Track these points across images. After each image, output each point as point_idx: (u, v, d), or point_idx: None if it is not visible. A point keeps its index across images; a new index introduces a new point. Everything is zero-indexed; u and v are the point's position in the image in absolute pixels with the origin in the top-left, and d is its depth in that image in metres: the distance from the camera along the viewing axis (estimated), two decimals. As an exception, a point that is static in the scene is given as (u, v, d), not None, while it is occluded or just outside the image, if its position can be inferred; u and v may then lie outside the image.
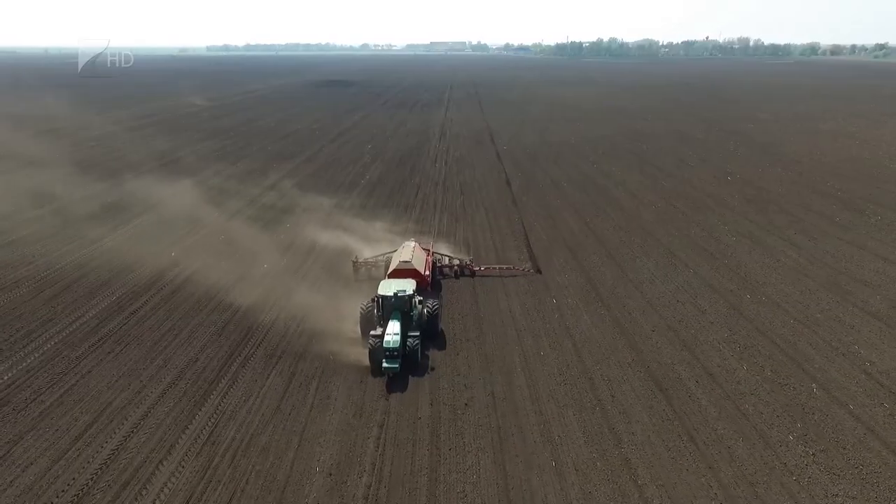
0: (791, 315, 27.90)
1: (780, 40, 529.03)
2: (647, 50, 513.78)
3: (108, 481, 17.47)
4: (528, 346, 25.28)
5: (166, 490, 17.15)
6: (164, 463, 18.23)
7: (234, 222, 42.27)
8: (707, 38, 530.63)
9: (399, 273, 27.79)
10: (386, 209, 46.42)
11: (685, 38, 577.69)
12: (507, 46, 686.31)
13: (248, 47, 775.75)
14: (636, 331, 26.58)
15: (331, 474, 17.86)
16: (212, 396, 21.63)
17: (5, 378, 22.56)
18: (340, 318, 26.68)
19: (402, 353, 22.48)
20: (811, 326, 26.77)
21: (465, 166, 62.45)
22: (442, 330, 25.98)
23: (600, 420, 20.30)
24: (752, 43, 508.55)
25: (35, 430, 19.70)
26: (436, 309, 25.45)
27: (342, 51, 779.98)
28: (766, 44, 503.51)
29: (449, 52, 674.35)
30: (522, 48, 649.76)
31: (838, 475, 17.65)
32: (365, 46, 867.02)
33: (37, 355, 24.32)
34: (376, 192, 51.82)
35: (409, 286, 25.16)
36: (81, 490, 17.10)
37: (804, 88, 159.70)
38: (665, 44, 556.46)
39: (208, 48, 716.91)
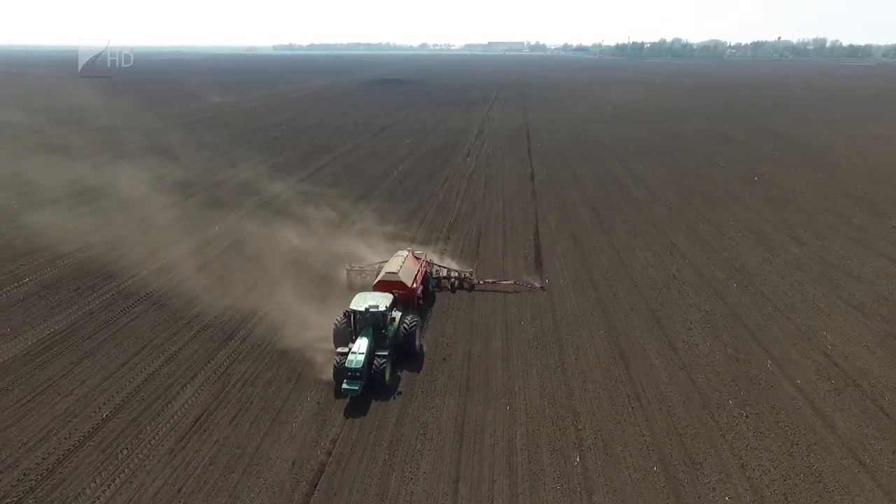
0: (771, 303, 29.24)
1: (862, 41, 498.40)
2: (712, 51, 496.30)
3: (143, 396, 21.57)
4: (512, 316, 27.92)
5: (186, 405, 21.06)
6: (187, 387, 22.19)
7: (277, 203, 46.90)
8: (779, 38, 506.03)
9: (384, 284, 25.91)
10: (410, 197, 49.85)
11: (756, 39, 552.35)
12: (566, 47, 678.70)
13: (311, 46, 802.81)
14: (616, 309, 28.73)
15: (319, 403, 21.31)
16: (233, 340, 25.57)
17: (72, 318, 27.37)
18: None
19: (366, 373, 21.19)
20: (787, 314, 28.08)
21: (495, 161, 65.11)
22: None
23: (559, 378, 22.81)
24: (828, 44, 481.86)
25: (91, 357, 24.19)
26: (413, 326, 23.61)
27: (401, 50, 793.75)
28: (844, 45, 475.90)
29: (506, 53, 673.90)
30: (581, 48, 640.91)
31: (764, 434, 19.51)
32: (424, 46, 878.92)
33: (98, 302, 29.15)
34: (405, 183, 55.36)
35: (383, 301, 23.21)
36: (123, 401, 21.25)
37: (870, 91, 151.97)
38: (733, 45, 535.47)
39: (274, 47, 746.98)
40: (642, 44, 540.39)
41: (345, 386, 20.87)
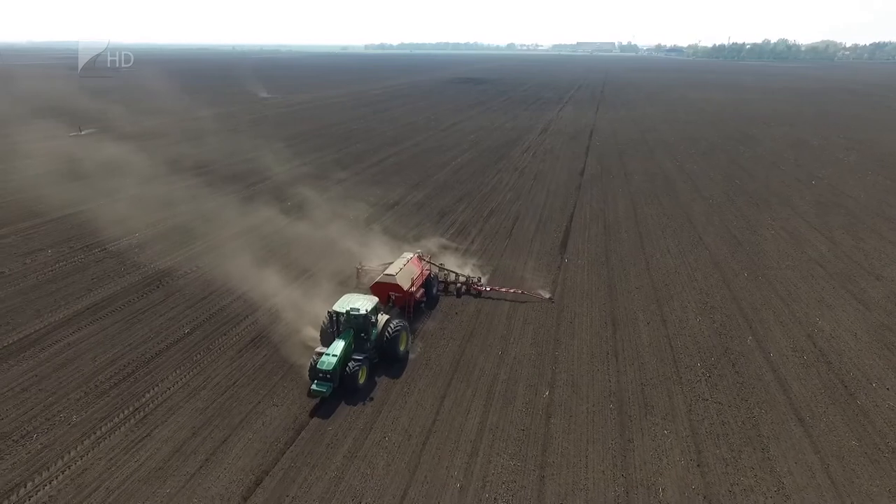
0: (776, 292, 30.82)
1: None
2: (822, 53, 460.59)
3: (216, 320, 27.42)
4: (525, 287, 31.53)
5: (247, 329, 26.64)
6: (249, 317, 27.83)
7: (335, 189, 52.90)
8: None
9: (380, 286, 26.08)
10: (461, 186, 54.12)
11: (876, 40, 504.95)
12: (659, 48, 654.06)
13: (401, 46, 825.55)
14: (622, 287, 31.53)
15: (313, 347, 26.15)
16: (292, 286, 31.08)
17: (171, 263, 34.12)
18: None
19: (338, 375, 21.02)
20: (787, 302, 29.66)
21: (550, 157, 67.93)
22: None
23: (552, 335, 26.25)
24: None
25: (181, 291, 30.54)
26: (397, 331, 23.25)
27: (487, 50, 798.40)
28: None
29: (595, 53, 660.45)
30: (675, 50, 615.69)
31: (719, 390, 22.06)
32: (511, 46, 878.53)
33: (186, 255, 35.88)
34: (460, 173, 59.68)
35: (366, 304, 22.87)
36: (201, 322, 27.18)
37: None
38: (849, 46, 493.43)
39: (366, 47, 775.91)
40: (743, 45, 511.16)
41: (313, 387, 20.85)
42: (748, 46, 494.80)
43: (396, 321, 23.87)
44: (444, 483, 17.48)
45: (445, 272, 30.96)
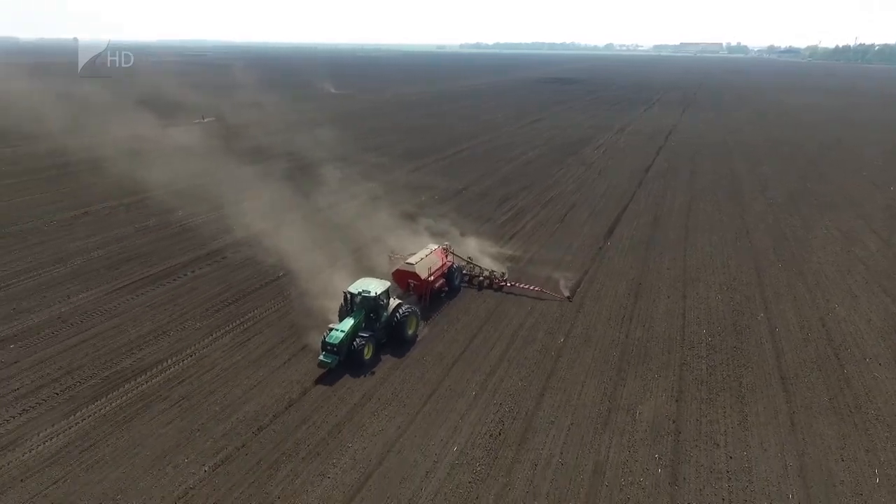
0: (804, 281, 32.60)
1: None
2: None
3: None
4: (561, 260, 35.43)
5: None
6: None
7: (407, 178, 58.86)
8: None
9: (401, 273, 28.62)
10: (525, 178, 58.19)
11: None
12: (771, 49, 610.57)
13: (496, 45, 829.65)
14: (653, 267, 34.60)
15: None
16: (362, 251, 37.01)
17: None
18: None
19: (343, 350, 22.98)
20: (812, 290, 31.46)
21: (621, 155, 70.10)
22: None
23: (577, 299, 30.05)
24: None
25: (254, 260, 37.42)
26: (406, 315, 25.06)
27: (584, 50, 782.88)
28: None
29: (699, 54, 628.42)
30: (790, 51, 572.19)
31: (716, 351, 25.06)
32: (609, 46, 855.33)
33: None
34: (528, 167, 63.64)
35: (377, 288, 24.87)
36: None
37: None
38: None
39: (461, 46, 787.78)
40: (871, 46, 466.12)
41: (320, 357, 23.04)
42: (877, 48, 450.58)
43: (407, 306, 25.60)
44: (463, 391, 22.31)
45: (471, 266, 32.67)
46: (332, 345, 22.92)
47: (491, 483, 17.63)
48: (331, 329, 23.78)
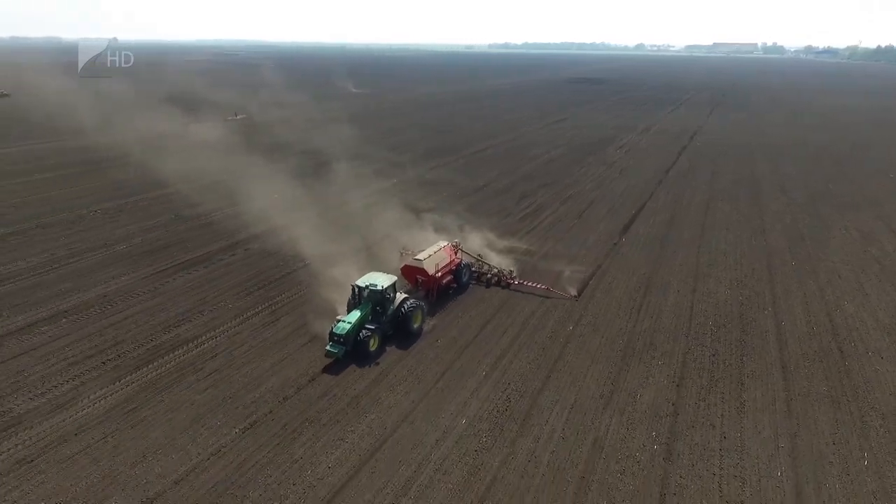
0: (816, 279, 33.07)
1: None
2: None
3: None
4: (576, 255, 36.53)
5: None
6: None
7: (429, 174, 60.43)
8: None
9: (409, 268, 29.23)
10: (546, 176, 59.23)
11: None
12: (809, 49, 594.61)
13: (525, 45, 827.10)
14: (668, 261, 35.45)
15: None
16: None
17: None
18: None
19: (350, 341, 23.77)
20: (823, 287, 31.95)
21: (643, 154, 70.49)
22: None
23: (588, 291, 31.21)
24: None
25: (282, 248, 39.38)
26: (411, 309, 25.81)
27: (615, 51, 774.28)
28: None
29: (733, 55, 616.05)
30: (828, 51, 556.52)
31: (720, 340, 25.94)
32: (640, 47, 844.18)
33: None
34: (549, 165, 64.61)
35: (384, 282, 25.69)
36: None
37: None
38: None
39: (490, 46, 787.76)
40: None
41: (327, 347, 24.00)
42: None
43: (412, 300, 26.33)
44: (474, 371, 23.76)
45: (480, 263, 33.09)
46: (338, 335, 23.86)
47: (496, 452, 19.06)
48: (338, 320, 24.65)
